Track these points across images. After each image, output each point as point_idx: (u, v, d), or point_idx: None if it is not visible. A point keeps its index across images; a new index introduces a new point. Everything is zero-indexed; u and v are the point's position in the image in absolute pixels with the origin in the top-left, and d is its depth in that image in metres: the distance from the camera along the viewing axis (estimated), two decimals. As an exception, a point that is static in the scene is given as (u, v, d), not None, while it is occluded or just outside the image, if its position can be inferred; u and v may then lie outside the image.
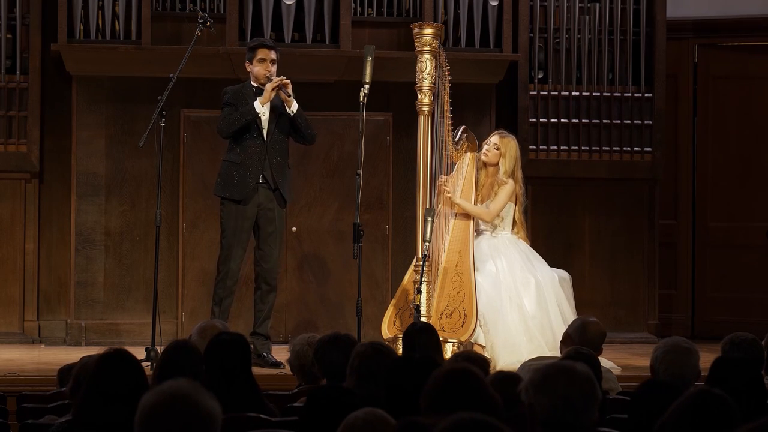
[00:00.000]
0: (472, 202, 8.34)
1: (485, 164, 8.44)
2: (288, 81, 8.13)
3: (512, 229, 8.42)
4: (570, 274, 8.53)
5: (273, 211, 8.25)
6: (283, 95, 8.14)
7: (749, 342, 5.62)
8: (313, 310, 9.87)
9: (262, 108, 8.13)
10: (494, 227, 8.40)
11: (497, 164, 8.39)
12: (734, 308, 10.81)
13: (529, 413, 3.45)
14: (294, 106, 8.16)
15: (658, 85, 10.45)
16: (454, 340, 7.78)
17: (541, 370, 3.49)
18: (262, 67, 8.20)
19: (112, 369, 4.13)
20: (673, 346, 5.08)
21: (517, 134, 9.87)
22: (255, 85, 8.24)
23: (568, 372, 3.48)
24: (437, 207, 8.22)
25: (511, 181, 8.34)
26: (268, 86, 8.10)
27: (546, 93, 10.37)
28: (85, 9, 9.64)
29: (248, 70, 8.28)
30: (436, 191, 8.22)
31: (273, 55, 8.23)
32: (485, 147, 8.41)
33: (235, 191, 8.19)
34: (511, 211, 8.40)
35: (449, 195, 8.24)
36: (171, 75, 8.11)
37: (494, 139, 8.42)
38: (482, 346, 7.88)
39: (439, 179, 8.22)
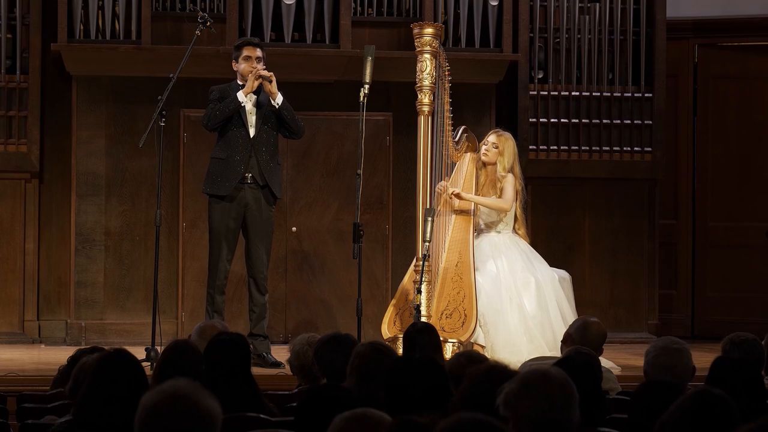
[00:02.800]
0: (490, 198, 8.34)
1: (485, 164, 8.44)
2: (272, 74, 8.14)
3: (513, 225, 8.42)
4: (570, 274, 8.53)
5: (259, 211, 8.24)
6: (266, 86, 8.13)
7: (749, 342, 5.62)
8: (313, 310, 9.87)
9: (245, 98, 8.15)
10: (495, 226, 8.40)
11: (496, 163, 8.39)
12: (734, 308, 10.80)
13: (513, 425, 3.43)
14: (279, 99, 8.17)
15: (658, 85, 10.45)
16: (454, 340, 7.78)
17: (516, 380, 3.49)
18: (248, 64, 8.22)
19: (113, 369, 4.13)
20: (662, 348, 5.08)
21: (517, 134, 9.88)
22: (241, 83, 8.25)
23: (544, 375, 3.48)
24: (437, 207, 8.21)
25: (510, 174, 8.34)
26: (251, 76, 8.12)
27: (546, 93, 10.37)
28: (85, 9, 9.64)
29: (235, 68, 8.32)
30: (436, 194, 8.21)
31: (258, 52, 8.25)
32: (484, 147, 8.41)
33: (221, 187, 8.20)
34: (511, 211, 8.39)
35: (455, 191, 8.22)
36: (171, 75, 8.11)
37: (492, 138, 8.42)
38: (482, 346, 7.88)
39: (438, 185, 8.20)
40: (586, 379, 4.76)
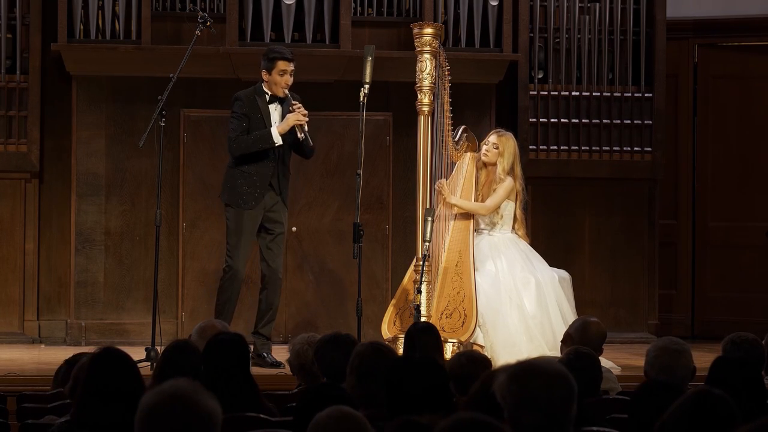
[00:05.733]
0: (473, 202, 8.34)
1: (485, 164, 8.44)
2: (307, 119, 8.11)
3: (512, 226, 8.42)
4: (570, 274, 8.53)
5: (279, 213, 8.27)
6: (298, 130, 8.12)
7: (750, 342, 5.63)
8: (313, 310, 9.87)
9: (280, 139, 8.09)
10: (494, 225, 8.40)
11: (497, 164, 8.39)
12: (734, 308, 10.80)
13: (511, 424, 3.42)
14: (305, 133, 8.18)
15: (658, 85, 10.45)
16: (454, 340, 7.78)
17: (509, 371, 3.45)
18: (283, 80, 8.16)
19: (105, 368, 4.12)
20: (662, 349, 5.08)
21: (517, 134, 9.87)
22: (268, 92, 8.20)
23: (540, 368, 3.45)
24: (437, 207, 8.22)
25: (509, 178, 8.34)
26: (291, 120, 8.05)
27: (546, 93, 10.37)
28: (85, 9, 9.64)
29: (264, 78, 8.19)
30: (436, 193, 8.21)
31: (292, 66, 8.18)
32: (484, 147, 8.41)
33: (245, 202, 8.17)
34: (511, 209, 8.39)
35: (445, 197, 8.23)
36: (171, 75, 8.10)
37: (492, 138, 8.42)
38: (481, 346, 7.88)
39: (438, 183, 8.21)
40: (586, 379, 4.76)
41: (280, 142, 8.10)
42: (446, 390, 4.14)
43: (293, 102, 8.13)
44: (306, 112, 8.11)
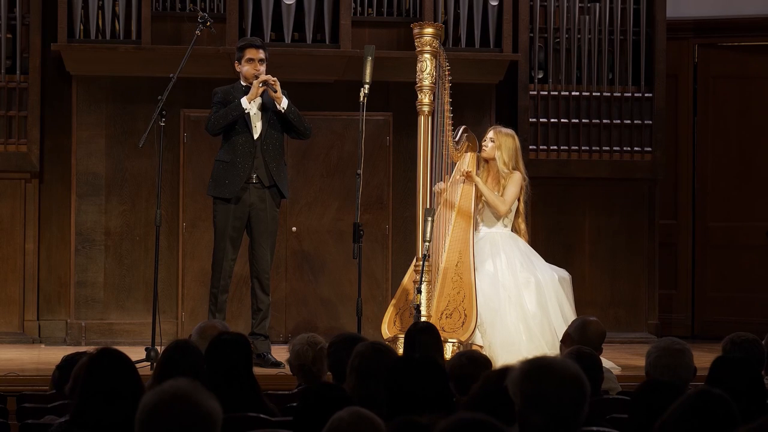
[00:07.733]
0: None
1: (486, 160, 8.44)
2: (275, 79, 8.13)
3: (515, 219, 8.42)
4: (570, 274, 8.53)
5: (264, 211, 8.25)
6: (270, 92, 8.14)
7: (750, 342, 5.63)
8: (313, 310, 9.87)
9: (248, 105, 8.14)
10: (498, 219, 8.39)
11: (495, 158, 8.39)
12: (734, 308, 10.81)
13: (520, 420, 3.42)
14: (284, 103, 8.16)
15: (658, 85, 10.46)
16: (454, 340, 7.78)
17: (526, 367, 3.43)
18: (251, 66, 8.21)
19: (103, 369, 4.12)
20: (664, 349, 5.08)
21: (518, 134, 9.87)
22: (244, 84, 8.26)
23: (555, 366, 3.44)
24: (437, 207, 8.21)
25: (516, 172, 8.35)
26: (255, 82, 8.12)
27: (546, 93, 10.37)
28: (85, 9, 9.64)
29: (237, 69, 8.31)
30: (435, 195, 8.20)
31: (261, 54, 8.24)
32: (483, 143, 8.43)
33: (226, 190, 8.20)
34: (515, 204, 8.40)
35: (467, 171, 8.24)
36: (171, 75, 8.11)
37: (490, 134, 8.44)
38: (480, 346, 7.87)
39: (436, 186, 8.20)
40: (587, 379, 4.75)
41: (247, 106, 8.12)
42: (446, 390, 4.14)
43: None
44: (275, 79, 8.11)
